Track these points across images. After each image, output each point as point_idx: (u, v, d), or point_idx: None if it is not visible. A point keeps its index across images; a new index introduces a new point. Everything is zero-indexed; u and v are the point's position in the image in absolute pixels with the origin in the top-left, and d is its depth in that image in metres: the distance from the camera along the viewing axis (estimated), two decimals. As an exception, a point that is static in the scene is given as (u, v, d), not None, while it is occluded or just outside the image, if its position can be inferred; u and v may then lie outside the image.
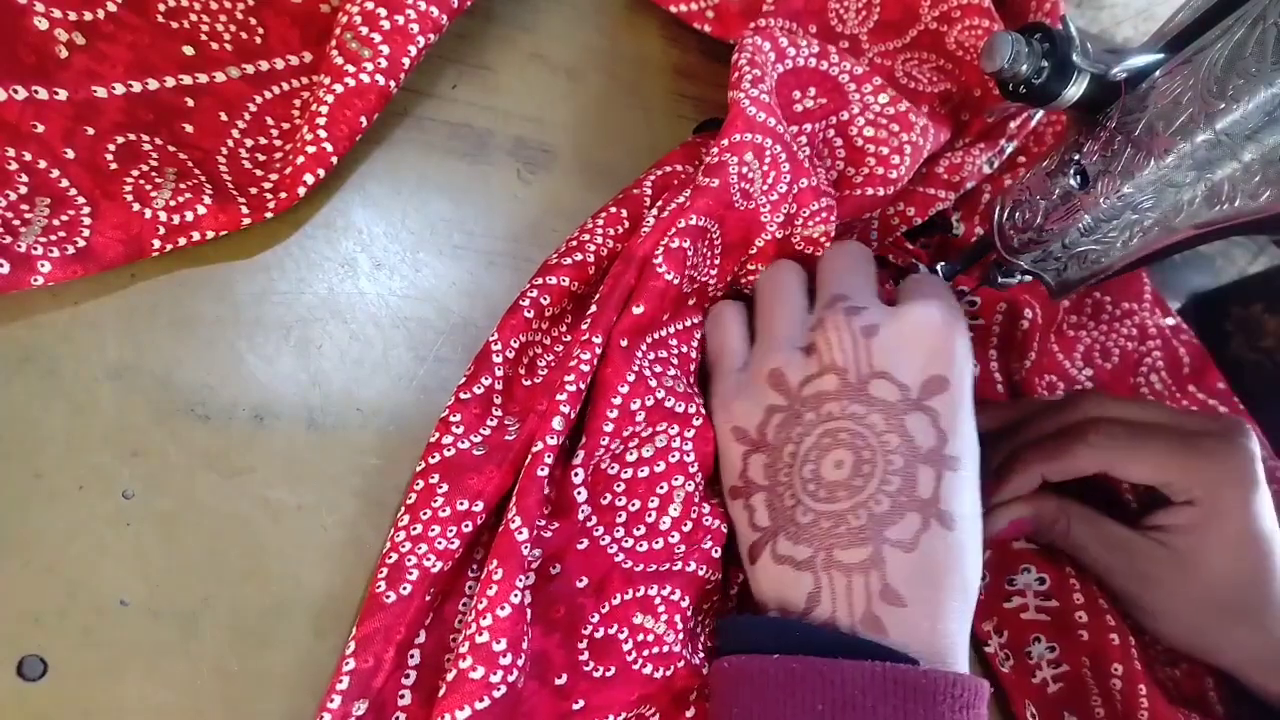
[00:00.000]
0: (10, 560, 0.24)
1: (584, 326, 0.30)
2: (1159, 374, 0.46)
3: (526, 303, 0.31)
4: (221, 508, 0.27)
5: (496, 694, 0.24)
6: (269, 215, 0.28)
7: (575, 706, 0.27)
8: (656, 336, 0.31)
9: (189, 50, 0.30)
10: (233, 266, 0.29)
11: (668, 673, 0.27)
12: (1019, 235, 0.32)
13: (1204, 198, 0.26)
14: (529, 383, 0.31)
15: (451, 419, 0.30)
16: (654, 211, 0.33)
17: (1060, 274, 0.31)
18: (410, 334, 0.31)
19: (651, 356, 0.31)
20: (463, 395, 0.30)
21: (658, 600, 0.28)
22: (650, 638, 0.28)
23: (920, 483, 0.27)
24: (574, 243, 0.33)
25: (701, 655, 0.29)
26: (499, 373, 0.30)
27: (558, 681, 0.27)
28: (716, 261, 0.33)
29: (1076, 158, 0.29)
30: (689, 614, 0.28)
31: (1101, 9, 0.50)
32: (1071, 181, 0.29)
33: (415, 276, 0.32)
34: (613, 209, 0.34)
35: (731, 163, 0.31)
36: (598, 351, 0.29)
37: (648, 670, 0.28)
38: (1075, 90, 0.26)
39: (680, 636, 0.28)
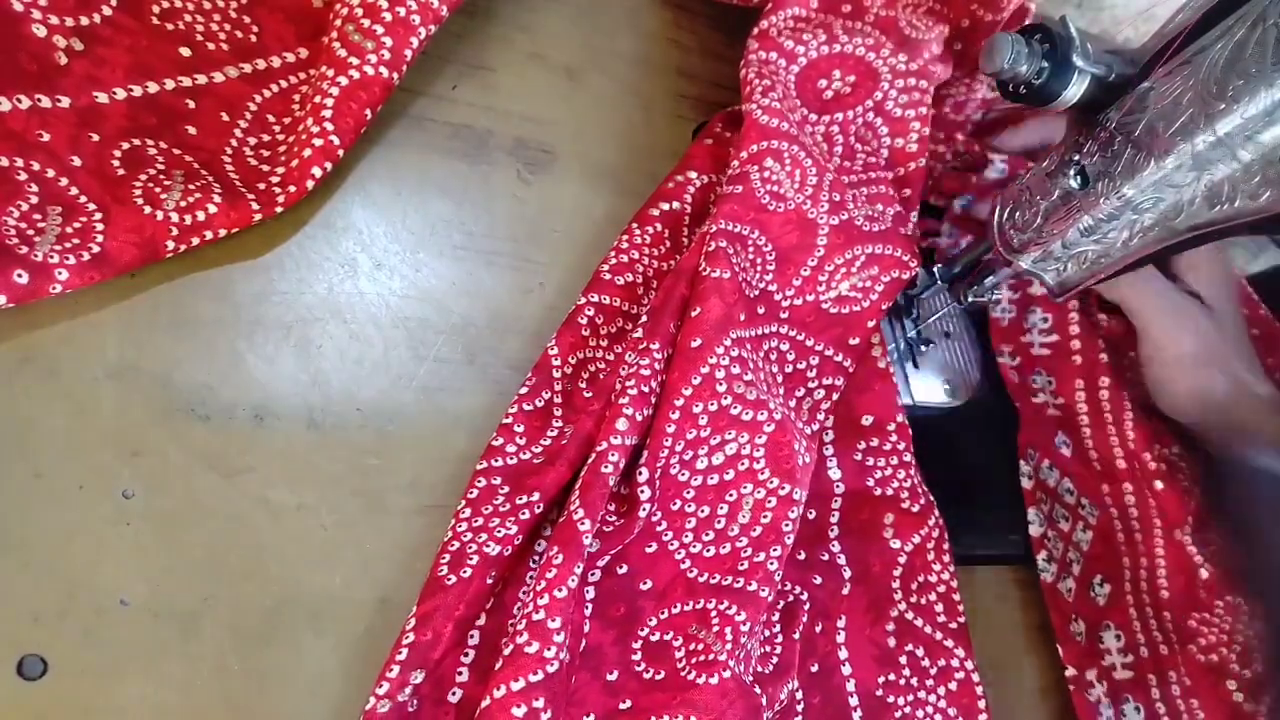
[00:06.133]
0: (10, 560, 0.24)
1: (638, 335, 0.31)
2: None
3: (584, 320, 0.32)
4: (221, 508, 0.27)
5: (549, 669, 0.25)
6: (279, 210, 0.28)
7: (622, 706, 0.28)
8: (735, 336, 0.31)
9: (186, 51, 0.30)
10: (233, 266, 0.29)
11: (710, 679, 0.28)
12: (1019, 235, 0.32)
13: (1204, 198, 0.26)
14: (590, 394, 0.32)
15: (516, 428, 0.31)
16: (700, 229, 0.34)
17: (1060, 274, 0.31)
18: (410, 334, 0.31)
19: (729, 358, 0.31)
20: (525, 406, 0.31)
21: (714, 614, 0.29)
22: (700, 646, 0.29)
23: None
24: (624, 258, 0.34)
25: (751, 678, 0.29)
26: (558, 387, 0.32)
27: (609, 677, 0.28)
28: (771, 268, 0.34)
29: (1076, 158, 0.29)
30: (743, 630, 0.29)
31: (1101, 9, 0.50)
32: (1071, 182, 0.29)
33: (415, 276, 0.32)
34: (658, 226, 0.35)
35: (752, 171, 0.33)
36: (656, 357, 0.30)
37: (691, 675, 0.28)
38: (1075, 91, 0.26)
39: (729, 648, 0.28)
